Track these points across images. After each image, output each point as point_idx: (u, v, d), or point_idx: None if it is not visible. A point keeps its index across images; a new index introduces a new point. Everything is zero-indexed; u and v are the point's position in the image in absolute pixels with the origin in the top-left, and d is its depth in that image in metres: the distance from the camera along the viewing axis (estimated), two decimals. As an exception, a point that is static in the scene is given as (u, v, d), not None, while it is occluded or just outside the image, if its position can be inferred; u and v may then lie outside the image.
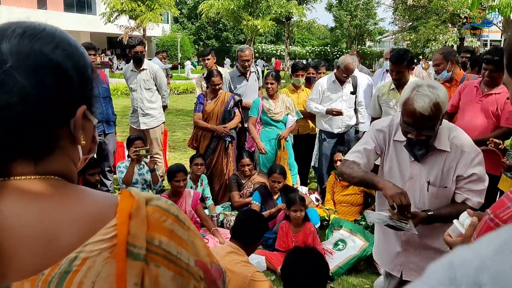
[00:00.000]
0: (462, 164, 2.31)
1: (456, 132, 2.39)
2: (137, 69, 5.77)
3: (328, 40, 46.64)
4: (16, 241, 0.68)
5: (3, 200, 0.71)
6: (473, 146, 2.35)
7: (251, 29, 28.07)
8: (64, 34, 0.80)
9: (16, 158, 0.74)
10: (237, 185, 5.14)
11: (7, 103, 0.70)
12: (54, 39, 0.76)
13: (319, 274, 2.46)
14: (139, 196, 0.75)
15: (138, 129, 5.83)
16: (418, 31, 24.28)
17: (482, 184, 2.33)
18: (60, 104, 0.75)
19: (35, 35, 0.74)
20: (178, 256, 0.76)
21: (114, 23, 27.17)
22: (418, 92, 2.23)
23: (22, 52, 0.72)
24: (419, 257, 2.53)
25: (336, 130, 5.40)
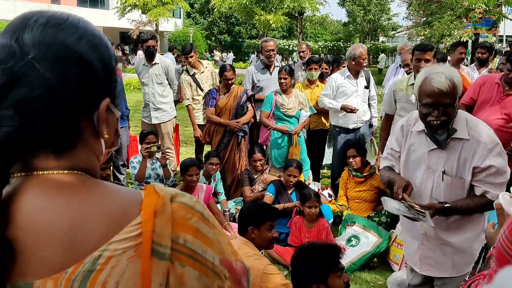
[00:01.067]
0: (479, 155, 2.28)
1: (474, 122, 2.37)
2: (149, 63, 5.77)
3: (341, 35, 46.29)
4: (39, 237, 0.67)
5: (26, 196, 0.69)
6: (491, 137, 2.30)
7: (264, 24, 27.98)
8: (88, 25, 0.77)
9: (39, 152, 0.72)
10: (249, 180, 5.13)
11: (30, 96, 0.68)
12: (77, 29, 0.74)
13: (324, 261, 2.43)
14: (164, 192, 0.73)
15: (149, 124, 5.84)
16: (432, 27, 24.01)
17: (503, 176, 2.28)
18: (84, 97, 0.73)
19: (58, 25, 0.72)
20: (203, 255, 0.73)
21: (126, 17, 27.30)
22: (432, 72, 2.27)
23: (45, 43, 0.70)
24: (436, 253, 2.51)
25: (351, 126, 5.34)
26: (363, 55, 5.21)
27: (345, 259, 3.95)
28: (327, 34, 51.37)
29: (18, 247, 0.66)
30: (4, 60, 0.69)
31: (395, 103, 4.29)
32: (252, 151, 5.19)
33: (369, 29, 41.95)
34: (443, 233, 2.47)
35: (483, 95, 4.04)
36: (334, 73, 5.70)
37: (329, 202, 5.01)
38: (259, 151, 5.15)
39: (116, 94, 0.82)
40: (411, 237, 2.67)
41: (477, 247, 2.51)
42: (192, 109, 6.01)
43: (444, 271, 2.54)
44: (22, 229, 0.67)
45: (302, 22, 31.95)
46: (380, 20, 42.20)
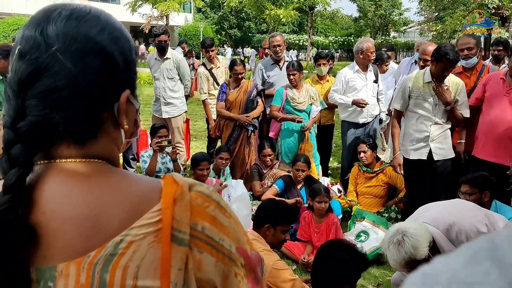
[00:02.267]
0: None
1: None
2: (160, 57, 5.78)
3: (351, 30, 46.05)
4: (63, 222, 0.69)
5: (50, 182, 0.72)
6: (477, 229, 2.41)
7: (274, 19, 27.91)
8: (110, 17, 0.79)
9: (61, 141, 0.74)
10: (259, 175, 5.13)
11: (54, 87, 0.71)
12: (99, 22, 0.76)
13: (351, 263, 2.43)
14: (183, 181, 0.76)
15: (160, 118, 5.86)
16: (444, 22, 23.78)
17: None
18: (105, 88, 0.75)
19: (82, 17, 0.74)
20: (220, 242, 0.76)
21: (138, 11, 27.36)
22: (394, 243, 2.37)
23: (68, 35, 0.72)
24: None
25: (361, 120, 5.33)
26: (370, 49, 5.19)
27: (354, 254, 3.97)
28: (337, 29, 51.06)
29: (42, 231, 0.68)
30: (29, 51, 0.72)
31: (409, 99, 4.20)
32: (262, 146, 5.18)
33: (380, 24, 41.66)
34: None
35: (490, 92, 4.02)
36: (343, 68, 5.69)
37: (339, 198, 5.00)
38: (269, 146, 5.14)
39: (136, 86, 0.85)
40: None
41: None
42: (208, 104, 6.03)
43: None
44: (46, 214, 0.69)
45: (312, 17, 31.80)
46: (392, 15, 41.88)
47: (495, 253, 0.34)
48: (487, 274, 0.33)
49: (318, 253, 2.59)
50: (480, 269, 0.34)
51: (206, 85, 6.07)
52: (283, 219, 2.98)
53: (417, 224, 2.41)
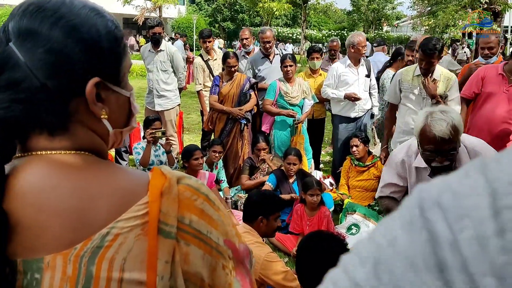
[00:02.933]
0: None
1: (474, 147, 2.39)
2: (154, 49, 5.76)
3: (345, 24, 46.02)
4: (49, 214, 0.69)
5: (37, 174, 0.73)
6: (491, 150, 2.33)
7: (267, 12, 27.85)
8: (74, 5, 0.77)
9: (33, 133, 0.75)
10: (250, 169, 5.15)
11: (12, 81, 0.72)
12: (57, 11, 0.74)
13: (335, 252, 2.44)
14: (171, 174, 0.76)
15: (153, 110, 5.85)
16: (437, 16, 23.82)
17: None
18: (63, 79, 0.74)
19: (36, 10, 0.74)
20: (208, 235, 0.76)
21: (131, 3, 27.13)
22: (433, 118, 2.25)
23: (22, 29, 0.73)
24: None
25: (353, 115, 5.36)
26: (361, 43, 5.21)
27: (345, 247, 4.01)
28: (331, 23, 50.99)
29: (30, 223, 0.69)
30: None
31: (400, 92, 4.28)
32: (256, 140, 5.18)
33: (373, 18, 41.65)
34: None
35: (488, 87, 4.00)
36: (335, 63, 5.71)
37: (330, 191, 5.04)
38: (263, 140, 5.15)
39: (119, 72, 0.82)
40: None
41: None
42: (203, 95, 6.03)
43: None
44: (35, 207, 0.70)
45: (306, 10, 31.74)
46: (385, 9, 41.89)
47: (484, 169, 0.37)
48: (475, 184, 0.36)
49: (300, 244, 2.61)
50: (468, 181, 0.37)
51: (201, 76, 6.06)
52: (273, 207, 3.01)
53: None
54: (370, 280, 0.39)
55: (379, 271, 0.39)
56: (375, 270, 0.39)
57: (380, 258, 0.40)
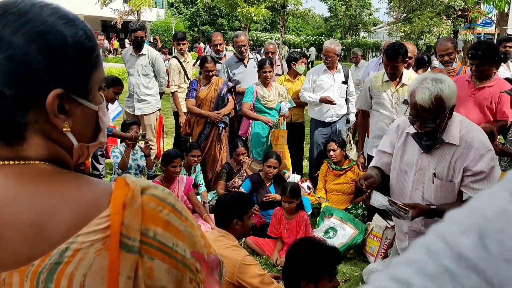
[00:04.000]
0: (470, 159, 2.31)
1: (469, 127, 2.39)
2: (136, 53, 5.72)
3: (323, 30, 46.46)
4: (6, 229, 0.66)
5: None
6: (484, 142, 2.32)
7: (246, 16, 27.87)
8: (43, 10, 0.74)
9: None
10: (228, 174, 5.14)
11: None
12: (23, 16, 0.71)
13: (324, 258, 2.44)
14: (134, 184, 0.73)
15: (132, 114, 5.80)
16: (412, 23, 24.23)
17: (490, 183, 2.27)
18: (21, 89, 0.70)
19: (1, 14, 0.71)
20: (174, 248, 0.73)
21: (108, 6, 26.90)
22: (421, 85, 2.28)
23: None
24: None
25: (327, 119, 5.45)
26: (327, 51, 5.31)
27: (322, 250, 4.03)
28: (309, 28, 51.40)
29: None
30: None
31: (370, 99, 4.35)
32: (236, 145, 5.17)
33: (350, 24, 42.18)
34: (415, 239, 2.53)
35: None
36: (312, 68, 5.78)
37: (308, 194, 5.07)
38: (242, 145, 5.14)
39: (87, 84, 0.78)
40: (402, 234, 2.75)
41: None
42: (178, 97, 6.01)
43: None
44: None
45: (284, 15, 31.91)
46: (361, 15, 42.45)
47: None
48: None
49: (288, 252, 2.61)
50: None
51: (177, 78, 6.05)
52: (246, 207, 3.00)
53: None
54: (477, 250, 0.39)
55: (487, 242, 0.39)
56: (482, 240, 0.39)
57: (488, 229, 0.39)
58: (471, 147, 2.32)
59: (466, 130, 2.38)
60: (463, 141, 2.35)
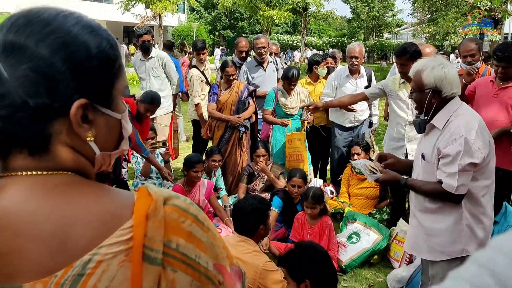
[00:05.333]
0: (443, 141, 2.42)
1: (459, 117, 2.46)
2: (145, 57, 5.78)
3: (345, 31, 46.21)
4: (27, 240, 0.66)
5: (10, 197, 0.69)
6: (460, 129, 2.39)
7: (267, 20, 27.96)
8: (66, 20, 0.74)
9: (15, 153, 0.72)
10: (248, 177, 5.10)
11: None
12: (47, 26, 0.71)
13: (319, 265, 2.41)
14: (157, 195, 0.72)
15: None
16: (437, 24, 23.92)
17: (454, 166, 2.35)
18: (46, 99, 0.70)
19: (25, 24, 0.71)
20: (197, 259, 0.72)
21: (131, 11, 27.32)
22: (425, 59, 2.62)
23: (7, 43, 0.70)
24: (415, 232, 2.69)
25: (348, 124, 5.37)
26: (350, 53, 5.20)
27: (346, 256, 3.96)
28: (331, 30, 51.23)
29: (6, 249, 0.66)
30: None
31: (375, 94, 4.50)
32: (256, 147, 5.13)
33: (373, 26, 41.86)
34: (420, 215, 2.62)
35: (479, 93, 4.01)
36: (333, 72, 5.68)
37: (331, 199, 5.00)
38: (262, 147, 5.09)
39: (111, 93, 0.78)
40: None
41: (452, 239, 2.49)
42: (201, 108, 5.96)
43: (420, 253, 2.69)
44: (10, 231, 0.66)
45: (306, 17, 31.88)
46: (385, 16, 42.09)
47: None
48: None
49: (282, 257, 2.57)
50: None
51: (200, 87, 6.04)
52: (267, 211, 3.03)
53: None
54: None
55: None
56: None
57: None
58: (449, 131, 2.42)
59: (454, 118, 2.45)
60: (446, 127, 2.46)
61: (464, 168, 2.32)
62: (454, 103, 2.49)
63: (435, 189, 2.45)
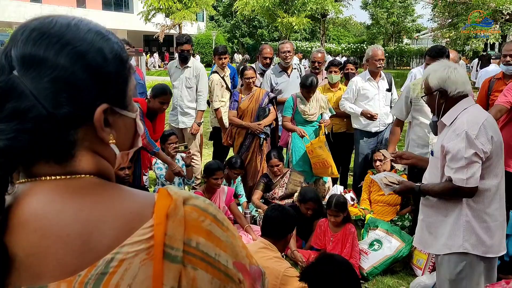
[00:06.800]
0: (447, 137, 2.51)
1: (465, 114, 2.52)
2: (181, 66, 5.74)
3: (364, 37, 45.99)
4: (53, 240, 0.68)
5: (40, 200, 0.71)
6: (463, 125, 2.44)
7: (286, 26, 28.03)
8: (80, 28, 0.76)
9: (39, 160, 0.73)
10: (265, 185, 5.06)
11: (17, 110, 0.69)
12: (62, 37, 0.72)
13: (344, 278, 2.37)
14: (177, 195, 0.74)
15: (176, 128, 5.79)
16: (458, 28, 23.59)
17: (460, 161, 2.40)
18: (71, 107, 0.71)
19: (41, 36, 0.72)
20: (216, 258, 0.74)
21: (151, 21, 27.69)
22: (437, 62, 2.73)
23: (26, 57, 0.71)
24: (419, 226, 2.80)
25: (374, 129, 5.31)
26: (375, 57, 5.17)
27: (367, 263, 3.92)
28: (350, 36, 51.04)
29: (33, 250, 0.68)
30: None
31: (406, 108, 4.40)
32: (269, 157, 5.10)
33: (393, 31, 41.57)
34: (424, 209, 2.72)
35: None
36: (355, 77, 5.65)
37: (352, 206, 4.96)
38: (275, 156, 5.04)
39: (126, 95, 0.81)
40: None
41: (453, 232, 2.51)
42: (221, 112, 5.95)
43: (426, 247, 2.77)
44: (38, 233, 0.68)
45: (324, 24, 31.85)
46: (404, 22, 41.77)
47: None
48: None
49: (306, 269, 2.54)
50: None
51: (220, 93, 6.04)
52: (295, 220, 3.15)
53: None
54: None
55: None
56: None
57: None
58: (454, 126, 2.50)
59: (462, 116, 2.51)
60: (453, 124, 2.53)
61: (471, 160, 2.37)
62: (465, 102, 2.56)
63: (445, 187, 2.49)
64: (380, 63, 5.21)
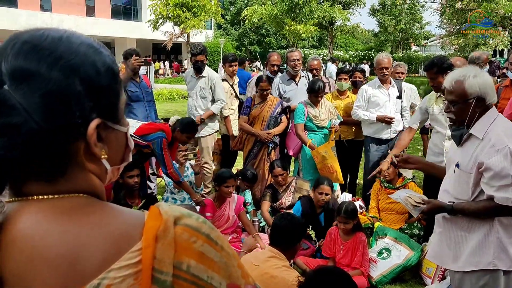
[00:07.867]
0: (484, 153, 2.32)
1: (499, 125, 2.38)
2: (196, 75, 5.75)
3: (372, 44, 45.93)
4: (39, 262, 0.66)
5: (26, 220, 0.69)
6: (502, 139, 2.29)
7: (294, 34, 28.11)
8: (71, 41, 0.73)
9: (30, 178, 0.71)
10: (271, 196, 5.02)
11: (9, 125, 0.67)
12: (55, 50, 0.70)
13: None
14: (167, 215, 0.71)
15: None
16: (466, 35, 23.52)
17: (505, 179, 2.24)
18: (63, 123, 0.69)
19: (32, 49, 0.69)
20: (209, 280, 0.71)
21: (159, 29, 27.88)
22: (458, 69, 2.52)
23: (17, 72, 0.68)
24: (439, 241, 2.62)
25: (385, 136, 5.30)
26: (380, 64, 5.20)
27: (376, 271, 3.90)
28: (358, 44, 51.00)
29: (19, 272, 0.66)
30: None
31: (420, 119, 4.43)
32: (272, 167, 5.07)
33: (401, 38, 41.48)
34: (445, 223, 2.54)
35: None
36: (365, 84, 5.66)
37: (360, 214, 4.94)
38: (279, 166, 5.01)
39: (118, 108, 0.79)
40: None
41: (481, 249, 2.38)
42: (230, 120, 5.96)
43: (443, 262, 2.63)
44: (24, 254, 0.66)
45: (332, 32, 31.88)
46: (412, 29, 41.68)
47: None
48: None
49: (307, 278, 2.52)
50: None
51: (230, 100, 6.06)
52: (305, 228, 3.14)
53: None
54: None
55: None
56: None
57: None
58: (489, 141, 2.32)
59: (494, 127, 2.36)
60: (486, 136, 2.35)
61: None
62: (493, 111, 2.41)
63: (486, 206, 2.32)
64: (383, 71, 5.21)
